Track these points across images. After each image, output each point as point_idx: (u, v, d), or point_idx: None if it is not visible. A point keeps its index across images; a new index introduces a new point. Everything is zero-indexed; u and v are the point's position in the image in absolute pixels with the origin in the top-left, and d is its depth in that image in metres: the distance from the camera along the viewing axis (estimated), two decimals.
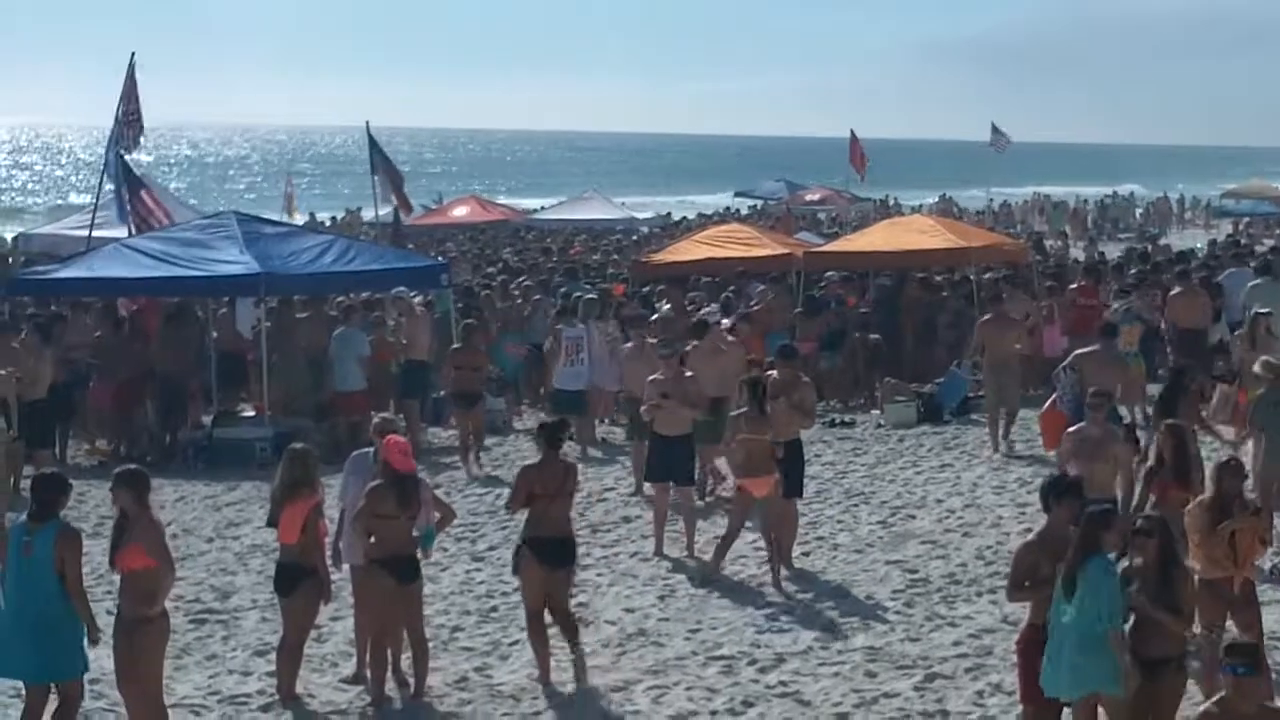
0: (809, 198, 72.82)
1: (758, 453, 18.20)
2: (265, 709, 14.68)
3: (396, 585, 14.42)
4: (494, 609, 17.54)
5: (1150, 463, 16.15)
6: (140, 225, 30.85)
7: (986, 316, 26.37)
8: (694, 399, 20.09)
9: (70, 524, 13.11)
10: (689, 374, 20.55)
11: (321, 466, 15.10)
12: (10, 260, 39.62)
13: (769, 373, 19.80)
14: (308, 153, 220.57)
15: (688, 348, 22.56)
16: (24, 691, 13.40)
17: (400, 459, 14.47)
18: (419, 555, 14.77)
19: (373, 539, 14.46)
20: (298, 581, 14.38)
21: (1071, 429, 16.87)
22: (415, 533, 14.53)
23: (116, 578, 13.32)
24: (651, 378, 20.33)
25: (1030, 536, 12.85)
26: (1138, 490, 16.20)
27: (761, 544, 19.46)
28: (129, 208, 31.51)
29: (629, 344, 24.16)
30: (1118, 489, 16.26)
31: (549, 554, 15.15)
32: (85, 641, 12.89)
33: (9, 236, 49.62)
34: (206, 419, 27.14)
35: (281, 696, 14.70)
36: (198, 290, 27.52)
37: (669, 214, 71.59)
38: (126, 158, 31.86)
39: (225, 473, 24.55)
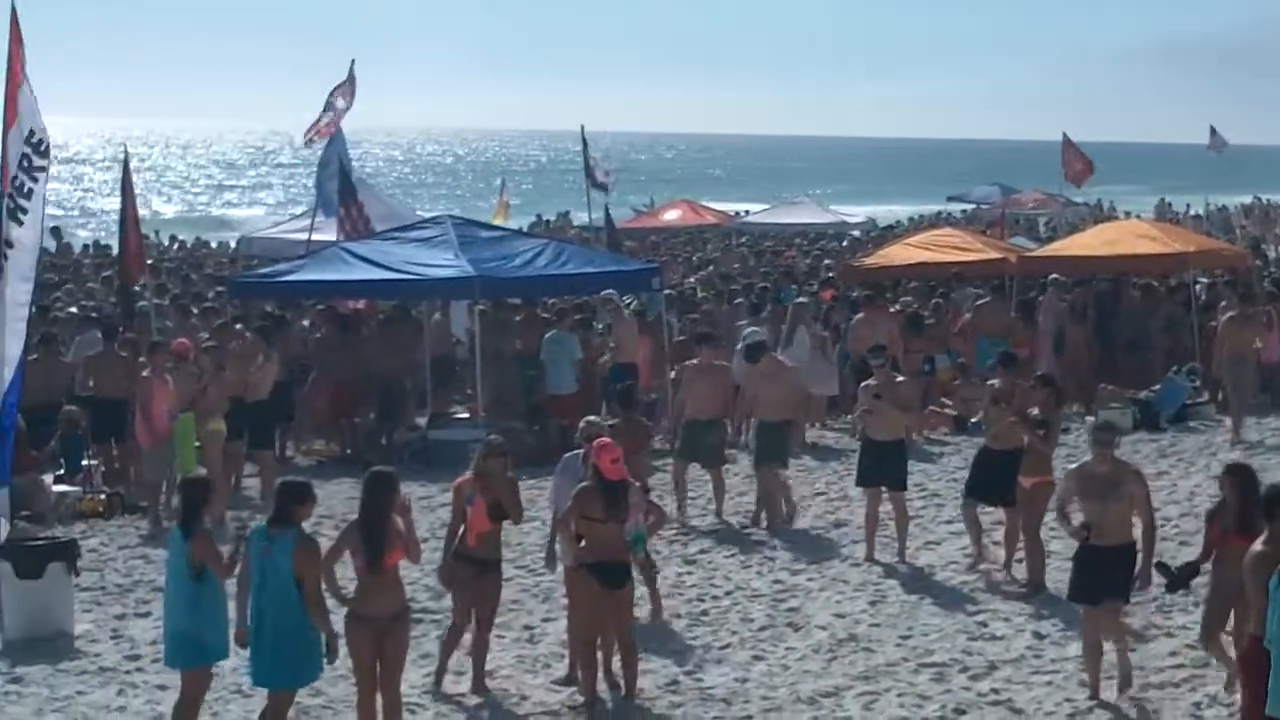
0: (1023, 202, 72.06)
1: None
2: (479, 708, 14.87)
3: (605, 589, 14.54)
4: (705, 612, 17.59)
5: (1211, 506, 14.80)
6: (346, 232, 31.31)
7: (1232, 313, 27.30)
8: (907, 402, 20.05)
9: (308, 533, 13.27)
10: (900, 379, 20.44)
11: (530, 467, 15.42)
12: (233, 263, 40.46)
13: (990, 381, 19.72)
14: (519, 155, 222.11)
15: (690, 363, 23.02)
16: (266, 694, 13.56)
17: (610, 466, 14.53)
18: (630, 559, 14.86)
19: (583, 542, 14.58)
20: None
21: (1073, 466, 15.49)
22: (626, 537, 14.63)
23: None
24: (865, 383, 20.30)
25: (1257, 546, 12.50)
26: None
27: (971, 550, 19.40)
28: (340, 213, 32.00)
29: (691, 361, 23.34)
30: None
31: None
32: (322, 650, 13.08)
33: (231, 240, 50.63)
34: (421, 420, 27.49)
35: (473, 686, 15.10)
36: (413, 293, 27.87)
37: (896, 222, 71.07)
38: (345, 164, 32.26)
39: (439, 474, 24.73)
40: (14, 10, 17.39)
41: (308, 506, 13.23)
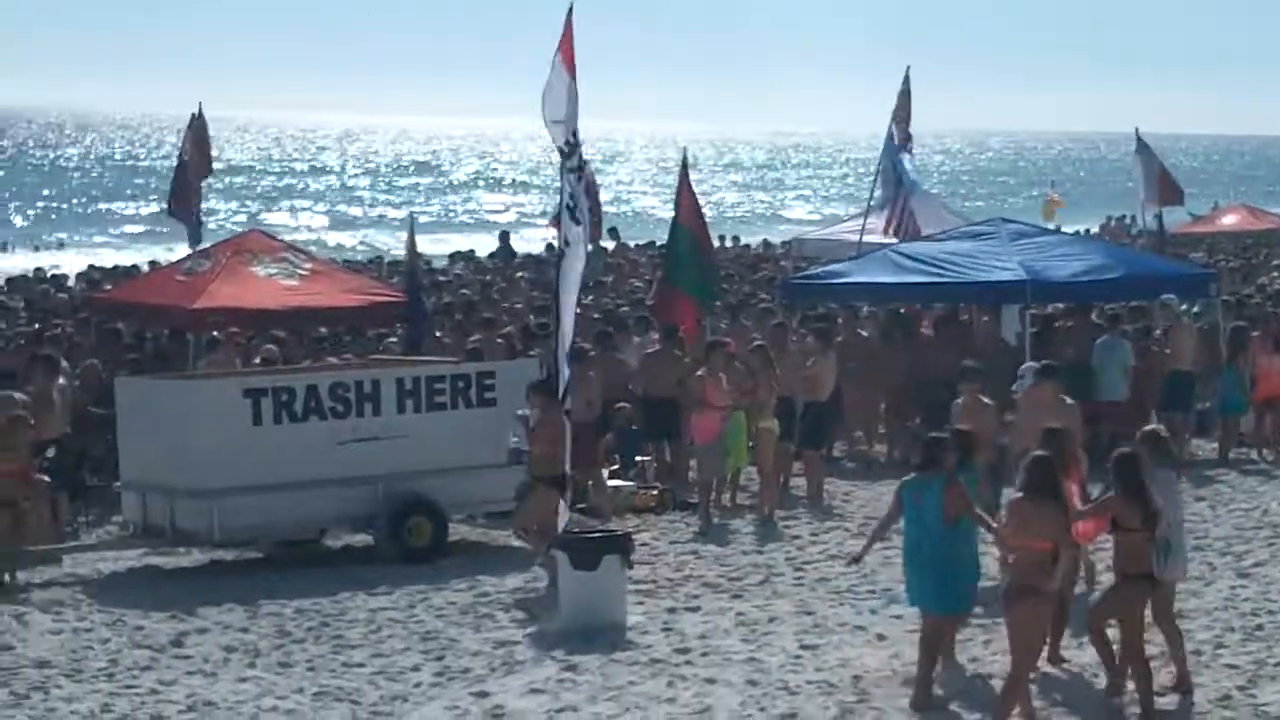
0: None
1: None
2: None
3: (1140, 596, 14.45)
4: (1259, 626, 17.07)
5: None
6: (893, 233, 31.55)
7: None
8: None
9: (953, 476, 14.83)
10: None
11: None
12: (784, 264, 41.06)
13: None
14: (1067, 158, 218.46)
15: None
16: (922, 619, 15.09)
17: None
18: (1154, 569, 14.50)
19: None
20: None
21: None
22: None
23: None
24: None
25: None
26: None
27: None
28: (888, 215, 32.35)
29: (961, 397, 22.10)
30: None
31: None
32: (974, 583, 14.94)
33: (777, 240, 51.29)
34: None
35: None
36: (963, 297, 27.78)
37: None
38: (904, 165, 32.57)
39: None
40: (570, 12, 18.00)
41: (951, 455, 14.99)
